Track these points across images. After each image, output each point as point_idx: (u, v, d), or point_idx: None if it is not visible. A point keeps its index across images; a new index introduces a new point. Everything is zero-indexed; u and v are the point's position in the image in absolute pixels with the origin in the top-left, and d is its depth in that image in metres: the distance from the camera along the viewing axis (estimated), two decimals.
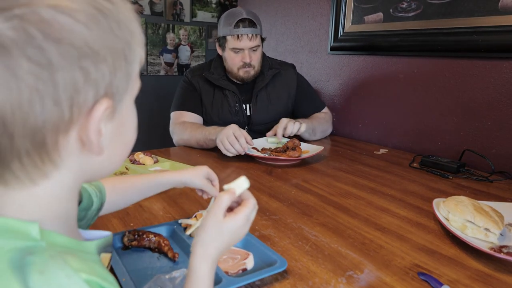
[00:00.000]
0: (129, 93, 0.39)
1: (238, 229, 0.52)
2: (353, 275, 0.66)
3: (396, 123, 1.65)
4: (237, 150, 1.27)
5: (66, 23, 0.32)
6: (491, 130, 1.33)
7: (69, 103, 0.32)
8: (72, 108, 0.33)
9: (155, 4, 2.52)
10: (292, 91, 1.66)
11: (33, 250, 0.33)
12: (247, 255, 0.68)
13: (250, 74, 1.54)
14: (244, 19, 1.45)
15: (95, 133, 0.35)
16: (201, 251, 0.49)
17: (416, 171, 1.28)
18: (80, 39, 0.32)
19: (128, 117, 0.41)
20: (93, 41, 0.33)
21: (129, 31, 0.37)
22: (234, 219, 0.52)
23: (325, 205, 0.96)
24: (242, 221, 0.52)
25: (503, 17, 1.24)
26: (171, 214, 0.86)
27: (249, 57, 1.48)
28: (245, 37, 1.45)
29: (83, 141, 0.35)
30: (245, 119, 1.59)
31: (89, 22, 0.33)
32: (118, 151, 0.42)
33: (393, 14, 1.59)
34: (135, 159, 1.22)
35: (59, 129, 0.33)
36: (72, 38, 0.32)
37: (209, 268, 0.49)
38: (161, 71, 2.65)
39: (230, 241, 0.52)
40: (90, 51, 0.33)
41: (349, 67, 1.83)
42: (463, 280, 0.66)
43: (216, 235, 0.50)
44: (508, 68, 1.27)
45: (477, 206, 0.82)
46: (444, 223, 0.81)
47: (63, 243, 0.36)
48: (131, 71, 0.38)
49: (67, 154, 0.35)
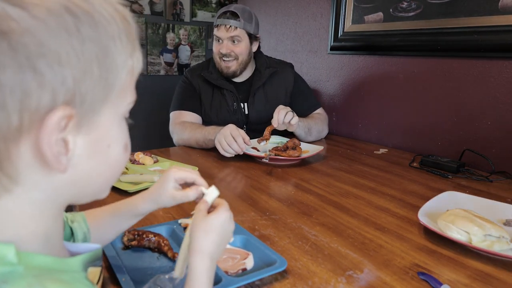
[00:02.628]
0: (109, 105, 0.34)
1: (224, 222, 0.53)
2: (353, 274, 0.66)
3: (396, 123, 1.65)
4: (235, 150, 1.27)
5: (19, 17, 0.28)
6: (491, 130, 1.33)
7: (17, 108, 0.28)
8: (22, 114, 0.29)
9: (155, 4, 2.52)
10: (289, 90, 1.66)
11: (9, 277, 0.30)
12: (247, 255, 0.68)
13: (230, 70, 1.54)
14: (227, 11, 1.48)
15: (50, 145, 0.31)
16: (196, 248, 0.50)
17: (416, 171, 1.28)
18: (34, 37, 0.28)
19: (111, 133, 0.36)
20: (51, 41, 0.29)
21: (108, 34, 0.33)
22: (217, 213, 0.53)
23: (325, 205, 0.96)
24: (225, 215, 0.54)
25: (503, 17, 1.24)
26: (171, 214, 0.86)
27: (226, 47, 1.50)
28: (223, 27, 1.48)
29: (41, 155, 0.31)
30: (243, 118, 1.60)
31: (49, 19, 0.29)
32: (100, 171, 0.37)
33: (393, 14, 1.59)
34: (135, 159, 1.22)
35: (6, 138, 0.29)
36: (23, 35, 0.28)
37: (207, 262, 0.49)
38: (161, 71, 2.65)
39: (220, 235, 0.52)
40: (46, 51, 0.29)
41: (349, 67, 1.83)
42: (463, 280, 0.66)
43: (206, 230, 0.51)
44: (508, 68, 1.27)
45: (473, 214, 0.79)
46: (475, 246, 0.73)
47: (44, 264, 0.33)
48: (112, 80, 0.34)
49: (24, 168, 0.32)
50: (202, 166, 1.21)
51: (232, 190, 1.08)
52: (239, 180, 1.16)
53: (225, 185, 1.12)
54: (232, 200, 0.98)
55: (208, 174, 1.17)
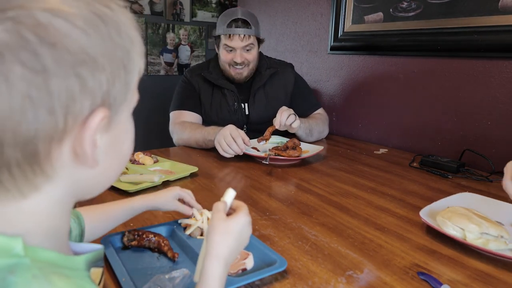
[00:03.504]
0: (126, 105, 0.38)
1: (243, 227, 0.53)
2: (353, 274, 0.66)
3: (396, 123, 1.65)
4: (235, 150, 1.27)
5: (63, 27, 0.30)
6: (491, 130, 1.33)
7: (63, 112, 0.31)
8: (66, 117, 0.31)
9: (155, 4, 2.52)
10: (290, 90, 1.66)
11: (16, 268, 0.31)
12: (247, 255, 0.68)
13: (243, 76, 1.54)
14: (237, 19, 1.46)
15: (90, 145, 0.33)
16: (213, 252, 0.49)
17: (416, 171, 1.28)
18: (77, 45, 0.31)
19: (125, 129, 0.40)
20: (90, 48, 0.32)
21: (129, 39, 0.36)
22: (237, 217, 0.53)
23: (325, 204, 0.96)
24: (245, 219, 0.53)
25: (503, 17, 1.24)
26: (171, 214, 0.86)
27: (240, 56, 1.49)
28: (237, 37, 1.46)
29: (77, 153, 0.34)
30: (243, 118, 1.60)
31: (87, 27, 0.32)
32: (113, 165, 0.40)
33: (393, 14, 1.59)
34: (135, 159, 1.22)
35: (52, 139, 0.31)
36: (68, 44, 0.30)
37: (221, 268, 0.49)
38: (161, 71, 2.65)
39: (238, 240, 0.52)
40: (87, 58, 0.31)
41: (349, 67, 1.83)
42: (462, 280, 0.66)
43: (224, 234, 0.51)
44: (508, 68, 1.27)
45: (474, 213, 0.79)
46: (468, 242, 0.74)
47: (50, 258, 0.34)
48: (130, 81, 0.36)
49: (60, 166, 0.34)
50: (202, 166, 1.21)
51: None
52: (239, 180, 1.16)
53: (225, 185, 1.12)
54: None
55: (208, 174, 1.17)
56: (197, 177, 1.13)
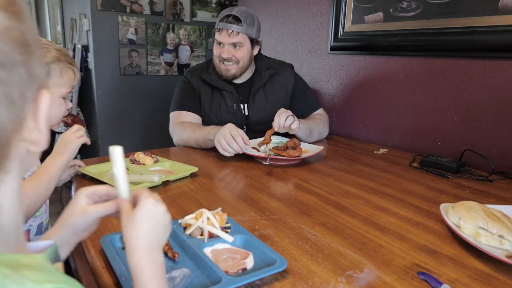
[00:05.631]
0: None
1: (148, 211, 0.51)
2: (353, 274, 0.66)
3: (396, 123, 1.65)
4: (234, 149, 1.27)
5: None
6: (491, 130, 1.33)
7: (21, 100, 0.32)
8: (24, 105, 0.33)
9: (155, 4, 2.52)
10: (289, 91, 1.66)
11: None
12: (247, 254, 0.68)
13: (230, 73, 1.53)
14: (230, 15, 1.46)
15: (43, 124, 0.35)
16: (130, 248, 0.49)
17: (416, 171, 1.28)
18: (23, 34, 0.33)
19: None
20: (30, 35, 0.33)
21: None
22: (138, 205, 0.51)
23: (325, 204, 0.96)
24: (147, 203, 0.51)
25: (503, 17, 1.24)
26: (171, 214, 0.86)
27: (227, 52, 1.49)
28: (225, 32, 1.47)
29: (33, 138, 0.35)
30: (243, 119, 1.59)
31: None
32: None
33: (393, 14, 1.59)
34: (135, 159, 1.22)
35: (16, 129, 0.32)
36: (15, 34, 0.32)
37: (145, 256, 0.48)
38: (161, 71, 2.65)
39: (151, 224, 0.51)
40: (29, 44, 0.33)
41: (349, 67, 1.83)
42: (463, 280, 0.66)
43: (133, 228, 0.50)
44: (508, 68, 1.27)
45: (488, 211, 0.80)
46: (456, 230, 0.77)
47: (15, 261, 0.33)
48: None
49: (16, 155, 0.34)
50: (202, 166, 1.21)
51: (232, 190, 1.08)
52: (239, 180, 1.16)
53: (225, 185, 1.12)
54: (232, 200, 0.99)
55: (208, 174, 1.17)
56: (197, 177, 1.13)
